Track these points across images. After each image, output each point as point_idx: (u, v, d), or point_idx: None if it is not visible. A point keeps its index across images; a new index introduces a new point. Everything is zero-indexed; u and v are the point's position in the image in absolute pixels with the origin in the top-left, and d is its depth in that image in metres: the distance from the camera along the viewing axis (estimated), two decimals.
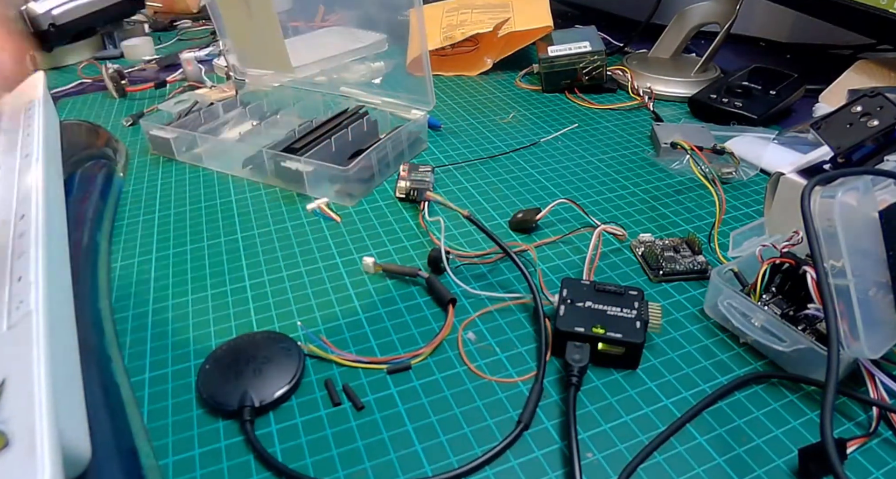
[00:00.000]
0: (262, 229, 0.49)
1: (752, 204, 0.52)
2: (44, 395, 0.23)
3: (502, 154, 0.60)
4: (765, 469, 0.30)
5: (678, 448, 0.31)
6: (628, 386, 0.35)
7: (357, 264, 0.44)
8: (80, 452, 0.25)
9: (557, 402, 0.34)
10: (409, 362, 0.36)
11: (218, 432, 0.32)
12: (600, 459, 0.31)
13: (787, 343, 0.34)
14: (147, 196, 0.53)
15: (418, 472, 0.30)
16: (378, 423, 0.32)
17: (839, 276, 0.30)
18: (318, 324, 0.39)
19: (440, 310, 0.40)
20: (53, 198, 0.37)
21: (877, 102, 0.40)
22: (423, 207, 0.49)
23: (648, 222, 0.49)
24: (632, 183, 0.55)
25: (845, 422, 0.32)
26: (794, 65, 0.78)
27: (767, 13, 0.89)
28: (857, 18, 0.62)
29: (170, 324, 0.39)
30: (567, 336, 0.35)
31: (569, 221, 0.49)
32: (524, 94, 0.75)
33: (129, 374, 0.35)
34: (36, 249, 0.30)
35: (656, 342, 0.38)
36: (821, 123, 0.41)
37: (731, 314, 0.37)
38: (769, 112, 0.64)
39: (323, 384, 0.34)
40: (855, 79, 0.64)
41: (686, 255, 0.44)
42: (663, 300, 0.41)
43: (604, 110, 0.70)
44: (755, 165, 0.57)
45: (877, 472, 0.30)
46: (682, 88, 0.73)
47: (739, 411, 0.33)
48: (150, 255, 0.46)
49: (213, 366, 0.34)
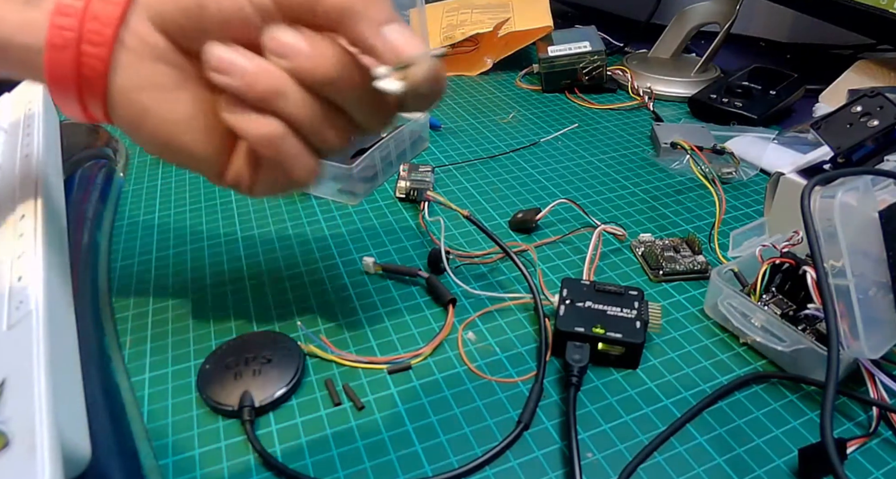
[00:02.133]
0: (262, 229, 0.48)
1: (752, 204, 0.52)
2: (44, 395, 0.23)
3: (502, 154, 0.60)
4: (765, 469, 0.30)
5: (678, 448, 0.31)
6: (628, 386, 0.35)
7: (357, 264, 0.44)
8: (80, 452, 0.25)
9: (557, 402, 0.34)
10: (409, 362, 0.36)
11: (218, 432, 0.32)
12: (600, 459, 0.31)
13: (787, 343, 0.34)
14: (147, 196, 0.53)
15: (418, 472, 0.30)
16: (378, 423, 0.32)
17: (839, 276, 0.30)
18: (318, 324, 0.39)
19: (440, 310, 0.40)
20: (53, 198, 0.37)
21: (877, 102, 0.40)
22: (423, 207, 0.49)
23: (648, 222, 0.49)
24: (632, 183, 0.55)
25: (845, 422, 0.32)
26: (794, 65, 0.78)
27: (767, 13, 0.89)
28: (857, 18, 0.62)
29: (170, 324, 0.39)
30: (567, 336, 0.35)
31: (569, 221, 0.49)
32: (524, 94, 0.75)
33: (129, 374, 0.35)
34: (36, 249, 0.30)
35: (656, 342, 0.38)
36: (821, 123, 0.41)
37: (731, 314, 0.37)
38: (769, 112, 0.64)
39: (323, 384, 0.34)
40: (855, 79, 0.64)
41: (686, 255, 0.44)
42: (663, 300, 0.41)
43: (604, 110, 0.70)
44: (755, 165, 0.57)
45: (877, 472, 0.30)
46: (682, 88, 0.73)
47: (739, 411, 0.33)
48: (150, 255, 0.46)
49: (213, 366, 0.34)
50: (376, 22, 0.23)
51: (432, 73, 0.24)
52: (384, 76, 0.24)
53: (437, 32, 0.79)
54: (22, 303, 0.27)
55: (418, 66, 0.23)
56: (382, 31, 0.23)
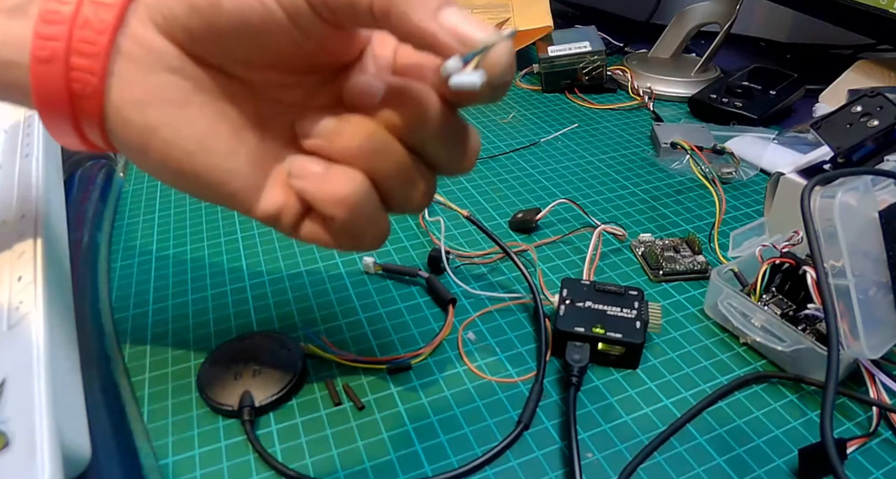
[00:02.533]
0: (262, 229, 0.48)
1: (752, 204, 0.52)
2: (44, 395, 0.23)
3: (502, 154, 0.60)
4: (765, 469, 0.30)
5: (678, 448, 0.31)
6: (628, 386, 0.35)
7: (357, 264, 0.44)
8: (80, 452, 0.25)
9: (557, 402, 0.34)
10: (409, 362, 0.36)
11: (218, 432, 0.32)
12: (600, 459, 0.31)
13: (787, 343, 0.34)
14: (147, 196, 0.53)
15: (418, 472, 0.30)
16: (378, 423, 0.32)
17: (839, 276, 0.30)
18: (318, 324, 0.39)
19: (440, 310, 0.40)
20: (53, 198, 0.37)
21: (877, 102, 0.40)
22: None
23: (648, 222, 0.49)
24: (632, 183, 0.55)
25: (845, 422, 0.32)
26: (794, 65, 0.78)
27: (767, 13, 0.89)
28: (857, 18, 0.62)
29: (170, 324, 0.39)
30: (567, 336, 0.35)
31: (569, 221, 0.49)
32: (524, 94, 0.75)
33: (129, 374, 0.35)
34: (36, 249, 0.30)
35: (656, 342, 0.38)
36: (821, 123, 0.41)
37: (731, 314, 0.37)
38: (769, 112, 0.64)
39: (323, 384, 0.34)
40: (855, 79, 0.64)
41: (686, 255, 0.44)
42: (663, 300, 0.41)
43: (604, 110, 0.70)
44: (755, 165, 0.57)
45: (877, 472, 0.30)
46: (682, 88, 0.73)
47: (739, 411, 0.33)
48: (150, 255, 0.46)
49: (213, 366, 0.34)
50: (430, 7, 0.20)
51: (510, 57, 0.20)
52: (457, 70, 0.20)
53: None
54: (22, 303, 0.27)
55: (494, 49, 0.20)
56: (441, 17, 0.20)
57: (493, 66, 0.20)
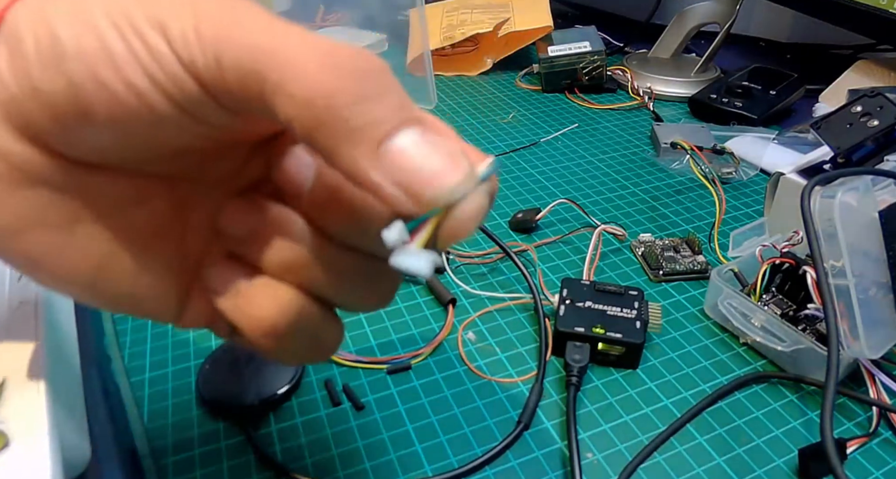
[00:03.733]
0: None
1: (752, 204, 0.52)
2: (44, 395, 0.23)
3: (502, 154, 0.60)
4: (765, 469, 0.30)
5: (678, 448, 0.31)
6: (628, 386, 0.35)
7: None
8: (80, 452, 0.25)
9: (557, 402, 0.34)
10: (409, 362, 0.36)
11: (218, 432, 0.32)
12: (600, 459, 0.31)
13: (787, 343, 0.34)
14: None
15: (418, 472, 0.30)
16: (378, 423, 0.32)
17: (839, 276, 0.30)
18: None
19: (440, 310, 0.40)
20: None
21: (877, 102, 0.40)
22: None
23: (648, 222, 0.49)
24: (632, 183, 0.55)
25: (845, 422, 0.32)
26: (794, 65, 0.78)
27: (767, 13, 0.89)
28: (857, 18, 0.62)
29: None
30: (567, 336, 0.35)
31: (569, 221, 0.49)
32: (524, 94, 0.75)
33: (129, 374, 0.35)
34: None
35: (656, 342, 0.38)
36: (821, 123, 0.41)
37: (731, 314, 0.37)
38: (769, 112, 0.64)
39: (323, 384, 0.34)
40: (855, 79, 0.64)
41: (686, 255, 0.44)
42: (663, 300, 0.41)
43: (604, 110, 0.70)
44: (755, 165, 0.57)
45: (877, 472, 0.30)
46: (682, 88, 0.73)
47: (739, 411, 0.33)
48: None
49: (213, 366, 0.34)
50: (374, 137, 0.13)
51: (480, 215, 0.14)
52: (399, 243, 0.14)
53: (436, 32, 0.79)
54: (22, 303, 0.27)
55: (459, 208, 0.14)
56: (387, 155, 0.14)
57: (452, 236, 0.14)
